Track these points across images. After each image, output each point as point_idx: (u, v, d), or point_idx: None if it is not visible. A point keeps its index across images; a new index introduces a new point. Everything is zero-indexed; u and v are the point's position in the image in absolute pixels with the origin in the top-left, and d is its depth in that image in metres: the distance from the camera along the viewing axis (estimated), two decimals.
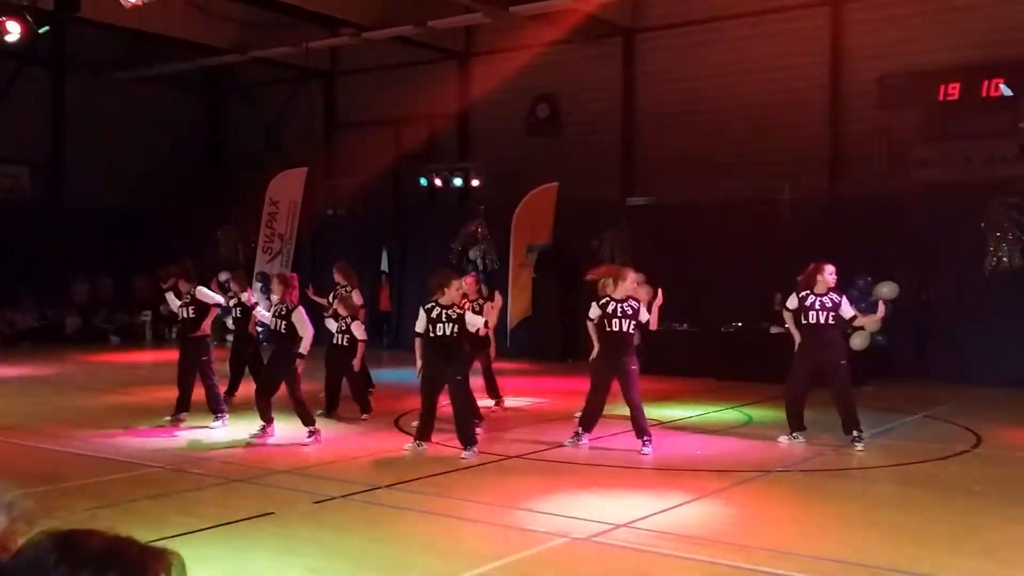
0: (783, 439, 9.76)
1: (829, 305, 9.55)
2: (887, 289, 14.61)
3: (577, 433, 9.57)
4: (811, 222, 15.98)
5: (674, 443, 9.88)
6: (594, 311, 9.41)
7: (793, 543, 6.24)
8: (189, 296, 10.72)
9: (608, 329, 9.30)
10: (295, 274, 10.88)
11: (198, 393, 10.72)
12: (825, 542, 6.25)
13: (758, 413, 11.84)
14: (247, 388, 12.01)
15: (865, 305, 14.52)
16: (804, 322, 9.64)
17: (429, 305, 9.03)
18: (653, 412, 11.66)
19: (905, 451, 9.60)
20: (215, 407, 10.56)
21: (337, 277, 12.37)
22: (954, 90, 15.72)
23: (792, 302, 9.78)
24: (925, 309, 15.48)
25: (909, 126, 16.34)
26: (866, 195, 16.11)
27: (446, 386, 9.05)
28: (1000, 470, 8.76)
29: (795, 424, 9.80)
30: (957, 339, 15.11)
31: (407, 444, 9.28)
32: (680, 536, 6.32)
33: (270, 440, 9.68)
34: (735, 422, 11.38)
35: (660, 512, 6.96)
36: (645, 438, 9.22)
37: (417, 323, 9.09)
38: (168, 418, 10.69)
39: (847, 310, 9.63)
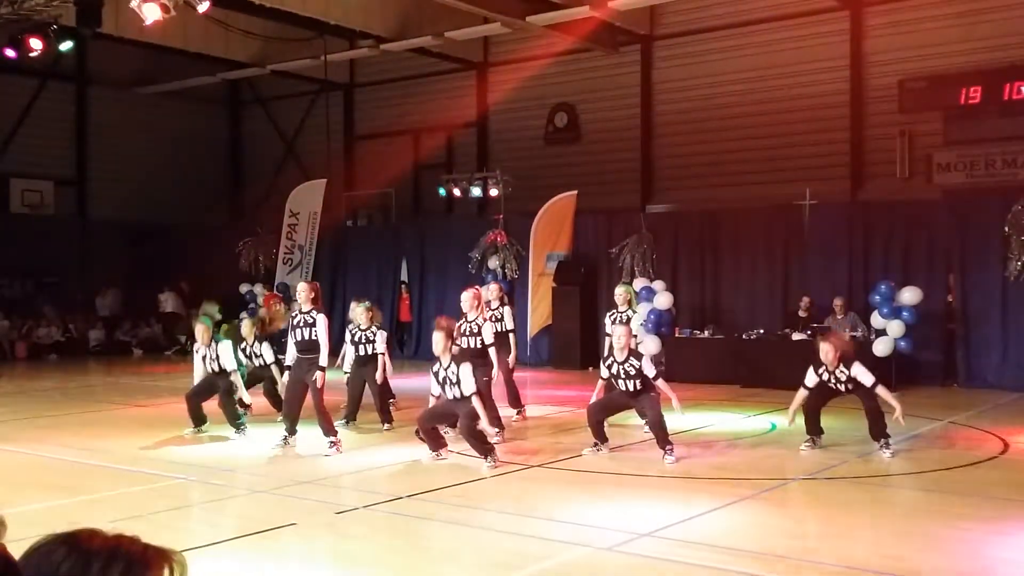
0: (804, 447, 9.68)
1: (844, 379, 9.40)
2: (910, 295, 14.50)
3: (596, 443, 9.53)
4: (832, 227, 15.89)
5: (697, 451, 9.83)
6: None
7: (819, 551, 6.18)
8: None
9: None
10: (316, 283, 10.88)
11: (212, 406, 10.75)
12: (851, 551, 6.19)
13: (782, 421, 11.75)
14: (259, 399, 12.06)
15: (888, 310, 14.44)
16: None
17: (435, 367, 9.03)
18: (675, 420, 11.62)
19: (931, 458, 9.50)
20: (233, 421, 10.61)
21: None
22: (975, 94, 15.60)
23: (810, 379, 9.59)
24: (950, 314, 15.33)
25: (930, 130, 16.24)
26: (888, 200, 16.00)
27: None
28: None
29: (809, 428, 9.71)
30: (982, 344, 14.96)
31: (429, 455, 9.25)
32: (704, 545, 6.27)
33: (292, 451, 9.69)
34: (759, 430, 11.30)
35: (683, 521, 6.91)
36: (668, 447, 9.18)
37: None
38: (189, 431, 10.72)
39: (865, 378, 9.31)
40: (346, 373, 11.56)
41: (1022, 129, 15.35)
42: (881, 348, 14.28)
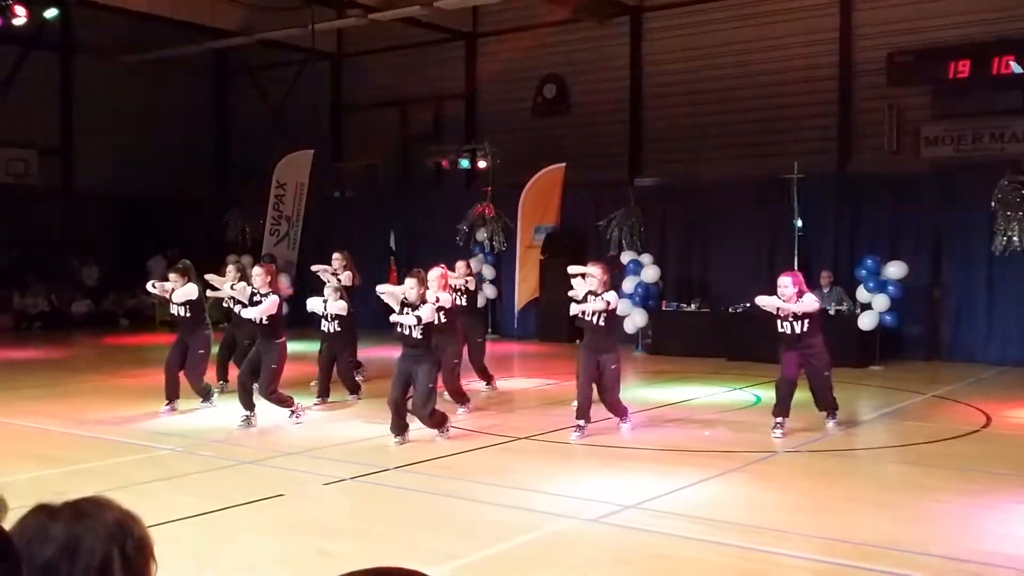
0: (776, 432, 9.12)
1: (801, 315, 9.16)
2: (895, 269, 14.56)
3: (579, 426, 9.21)
4: (820, 201, 15.93)
5: (682, 424, 9.90)
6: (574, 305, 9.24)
7: (802, 524, 6.25)
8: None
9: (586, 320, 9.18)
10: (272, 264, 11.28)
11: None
12: (834, 522, 6.26)
13: (767, 394, 11.82)
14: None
15: (874, 285, 14.51)
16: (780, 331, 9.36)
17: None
18: (661, 393, 11.71)
19: (914, 431, 9.59)
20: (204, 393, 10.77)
21: (335, 264, 12.30)
22: (964, 67, 15.59)
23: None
24: (935, 289, 15.41)
25: (919, 104, 16.24)
26: (875, 174, 16.03)
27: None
28: (1010, 450, 8.75)
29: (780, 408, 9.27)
30: (966, 319, 15.06)
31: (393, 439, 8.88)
32: (689, 517, 6.34)
33: (278, 423, 9.70)
34: (743, 403, 11.38)
35: (668, 493, 6.97)
36: (624, 416, 9.39)
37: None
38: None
39: (809, 304, 9.16)
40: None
41: (1010, 103, 15.35)
42: (866, 322, 14.36)
